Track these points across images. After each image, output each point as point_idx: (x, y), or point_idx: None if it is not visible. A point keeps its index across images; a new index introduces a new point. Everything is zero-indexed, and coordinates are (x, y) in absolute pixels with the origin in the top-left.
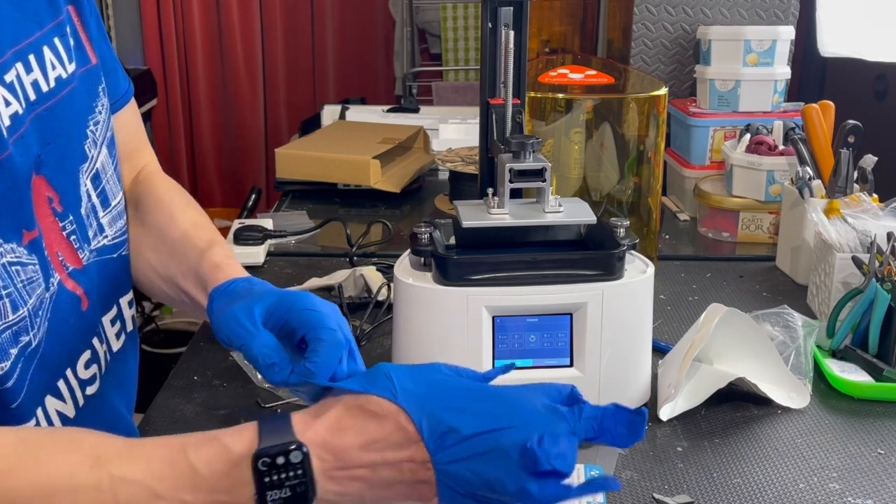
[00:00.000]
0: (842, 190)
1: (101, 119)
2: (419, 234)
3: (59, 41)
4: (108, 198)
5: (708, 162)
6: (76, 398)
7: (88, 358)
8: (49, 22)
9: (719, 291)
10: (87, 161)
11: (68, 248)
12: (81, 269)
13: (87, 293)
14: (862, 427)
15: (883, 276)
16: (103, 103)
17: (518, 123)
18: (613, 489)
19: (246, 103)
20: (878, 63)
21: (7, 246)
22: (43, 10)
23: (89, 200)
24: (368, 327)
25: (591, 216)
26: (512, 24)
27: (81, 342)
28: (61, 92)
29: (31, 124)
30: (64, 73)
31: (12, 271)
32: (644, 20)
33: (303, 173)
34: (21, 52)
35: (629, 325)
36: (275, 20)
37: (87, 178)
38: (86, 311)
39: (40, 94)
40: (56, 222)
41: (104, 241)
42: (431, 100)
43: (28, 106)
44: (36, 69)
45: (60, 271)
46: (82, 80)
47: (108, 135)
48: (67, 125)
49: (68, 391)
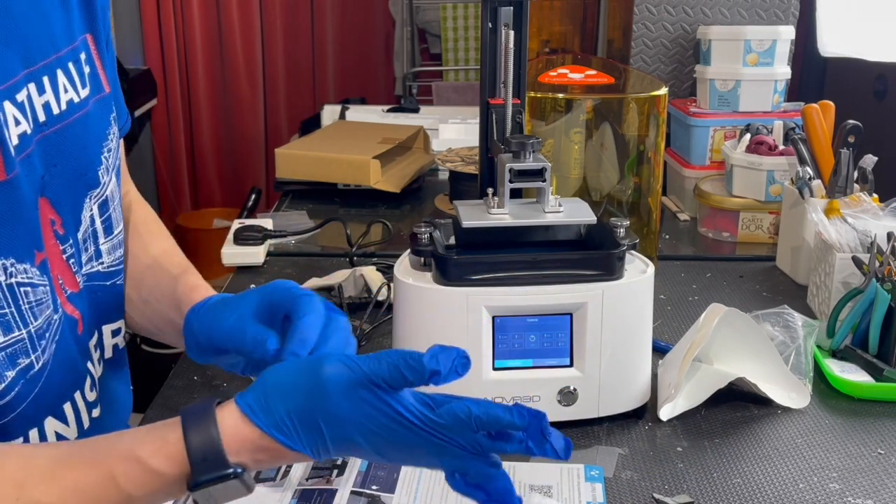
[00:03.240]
0: (842, 190)
1: (112, 147)
2: (419, 234)
3: (73, 66)
4: (112, 225)
5: (708, 162)
6: (81, 421)
7: (91, 381)
8: (65, 46)
9: (719, 291)
10: (98, 187)
11: (68, 272)
12: (78, 292)
13: (83, 317)
14: (862, 427)
15: (883, 276)
16: (114, 132)
17: (518, 123)
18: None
19: (246, 103)
20: (878, 63)
21: (20, 266)
22: (59, 35)
23: (91, 225)
24: (368, 327)
25: (591, 216)
26: (512, 24)
27: (83, 366)
28: (72, 116)
29: (38, 145)
30: (76, 98)
31: (20, 292)
32: (644, 20)
33: (303, 173)
34: (34, 74)
35: (629, 325)
36: (275, 20)
37: (95, 203)
38: (81, 335)
39: (50, 116)
40: (57, 245)
41: (98, 268)
42: (431, 100)
43: (36, 127)
44: (48, 91)
45: (60, 294)
46: (97, 106)
47: (118, 164)
48: (77, 149)
49: (73, 414)
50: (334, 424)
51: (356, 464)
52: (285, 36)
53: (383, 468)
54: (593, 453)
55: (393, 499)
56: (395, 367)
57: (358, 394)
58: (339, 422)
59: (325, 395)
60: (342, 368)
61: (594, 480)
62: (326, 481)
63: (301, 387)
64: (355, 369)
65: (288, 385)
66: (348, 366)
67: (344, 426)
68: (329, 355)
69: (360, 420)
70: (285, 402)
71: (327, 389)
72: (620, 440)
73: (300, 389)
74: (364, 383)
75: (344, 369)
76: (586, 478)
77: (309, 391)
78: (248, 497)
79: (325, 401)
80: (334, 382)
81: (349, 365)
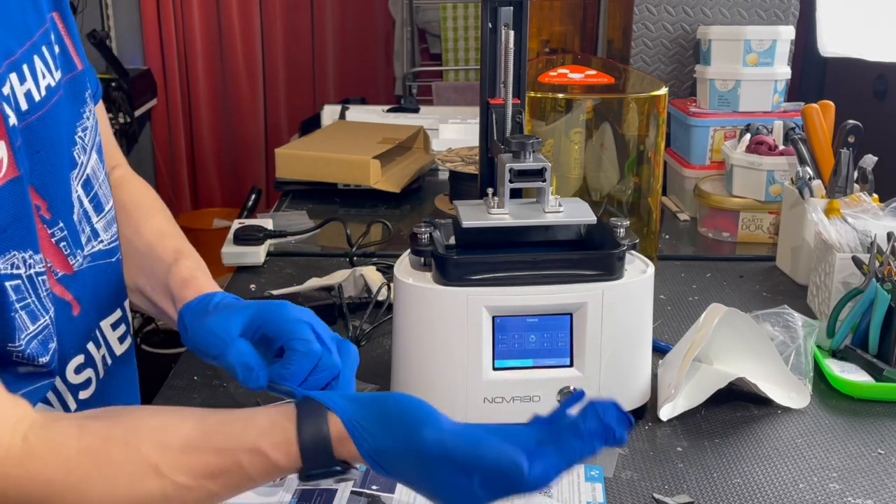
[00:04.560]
0: (842, 190)
1: (89, 125)
2: (419, 234)
3: (47, 49)
4: (101, 203)
5: (708, 162)
6: (66, 403)
7: (81, 363)
8: (37, 30)
9: (719, 291)
10: (76, 167)
11: (58, 255)
12: (72, 274)
13: (79, 299)
14: (862, 427)
15: (883, 276)
16: (90, 108)
17: (518, 123)
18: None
19: (246, 103)
20: (878, 63)
21: (37, 256)
22: (30, 18)
23: (81, 206)
24: (368, 327)
25: (591, 216)
26: (512, 24)
27: (73, 347)
28: (50, 101)
29: (22, 134)
30: (52, 82)
31: (38, 281)
32: (644, 20)
33: (303, 173)
34: (15, 63)
35: (629, 325)
36: (275, 20)
37: (79, 184)
38: (77, 316)
39: (32, 104)
40: (45, 229)
41: (99, 247)
42: (431, 100)
43: (21, 116)
44: (29, 79)
45: (49, 276)
46: (68, 87)
47: (97, 139)
48: (55, 133)
49: (56, 396)
50: (413, 480)
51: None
52: (285, 36)
53: None
54: None
55: (393, 499)
56: (494, 469)
57: (448, 474)
58: (417, 480)
59: (425, 458)
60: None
61: (594, 480)
62: None
63: (403, 436)
64: (454, 447)
65: (394, 422)
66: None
67: (419, 485)
68: (437, 416)
69: (439, 491)
70: (385, 439)
71: (432, 453)
72: None
73: (401, 438)
74: (458, 464)
75: (446, 437)
76: (586, 478)
77: (410, 444)
78: (249, 497)
79: (422, 463)
80: (437, 453)
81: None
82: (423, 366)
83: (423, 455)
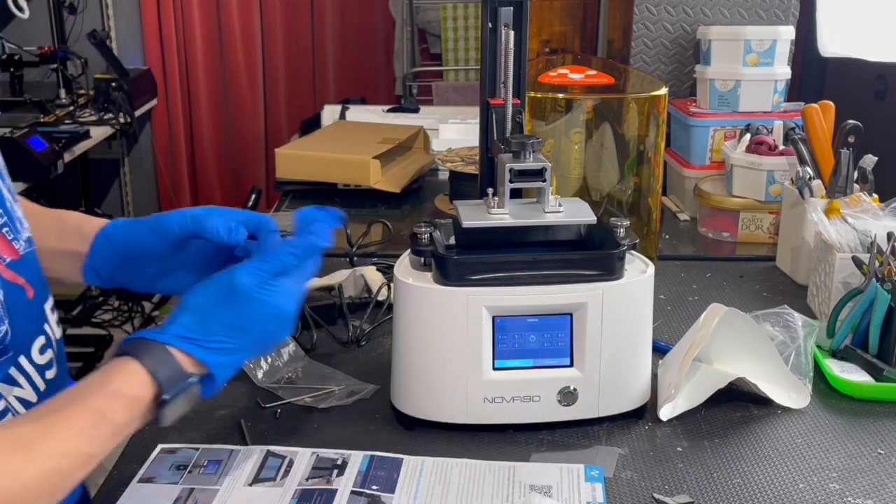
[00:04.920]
0: (842, 190)
1: None
2: (419, 234)
3: None
4: (14, 195)
5: (708, 162)
6: (34, 383)
7: (43, 343)
8: None
9: (719, 291)
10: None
11: (2, 240)
12: (19, 259)
13: (30, 282)
14: (862, 427)
15: (883, 276)
16: None
17: (518, 123)
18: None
19: (246, 103)
20: (878, 63)
21: None
22: None
23: (11, 194)
24: (368, 327)
25: (591, 216)
26: (512, 24)
27: (32, 329)
28: None
29: None
30: None
31: None
32: (644, 20)
33: (303, 173)
34: None
35: (629, 325)
36: (275, 20)
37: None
38: (32, 299)
39: None
40: None
41: (27, 234)
42: (431, 100)
43: None
44: None
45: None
46: None
47: None
48: None
49: (24, 377)
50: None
51: (356, 464)
52: (285, 36)
53: (383, 468)
54: (593, 453)
55: (393, 499)
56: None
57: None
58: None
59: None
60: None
61: (594, 480)
62: (326, 481)
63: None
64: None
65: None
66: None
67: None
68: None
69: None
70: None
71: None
72: (620, 440)
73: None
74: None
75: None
76: (586, 478)
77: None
78: (249, 497)
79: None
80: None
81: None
82: (424, 366)
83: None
